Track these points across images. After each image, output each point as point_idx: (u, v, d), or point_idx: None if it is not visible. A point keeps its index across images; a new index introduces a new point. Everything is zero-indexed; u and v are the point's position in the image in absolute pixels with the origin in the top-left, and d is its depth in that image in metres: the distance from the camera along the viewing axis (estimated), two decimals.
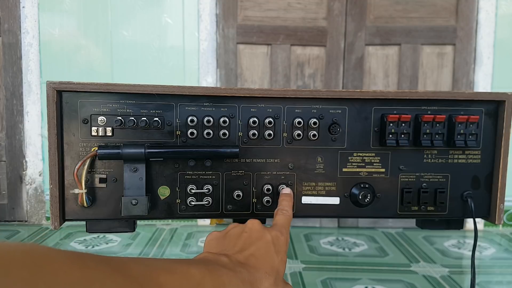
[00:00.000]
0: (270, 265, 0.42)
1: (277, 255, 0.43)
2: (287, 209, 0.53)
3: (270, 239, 0.44)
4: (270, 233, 0.45)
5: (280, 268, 0.43)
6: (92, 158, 0.58)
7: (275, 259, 0.43)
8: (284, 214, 0.51)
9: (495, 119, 0.64)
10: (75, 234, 2.11)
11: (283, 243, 0.45)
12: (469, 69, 2.27)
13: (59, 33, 2.24)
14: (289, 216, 0.52)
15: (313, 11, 2.26)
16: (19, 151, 2.28)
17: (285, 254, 0.45)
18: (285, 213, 0.52)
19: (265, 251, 0.43)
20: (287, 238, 0.47)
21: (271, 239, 0.44)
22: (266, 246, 0.43)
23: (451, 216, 0.65)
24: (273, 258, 0.43)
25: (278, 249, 0.44)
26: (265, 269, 0.41)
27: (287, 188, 0.60)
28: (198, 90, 0.59)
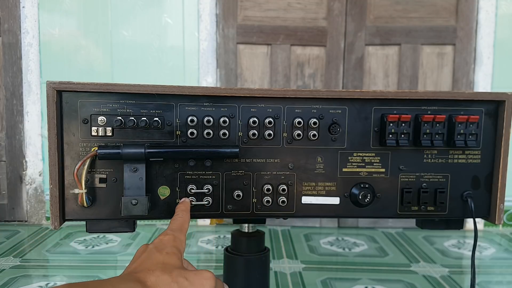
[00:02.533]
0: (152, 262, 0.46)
1: (160, 252, 0.47)
2: (178, 213, 0.56)
3: (151, 246, 0.49)
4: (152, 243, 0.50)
5: (166, 260, 0.46)
6: (92, 158, 0.58)
7: (158, 256, 0.47)
8: (174, 218, 0.55)
9: (495, 119, 0.64)
10: (75, 234, 2.11)
11: (167, 241, 0.49)
12: (469, 69, 2.27)
13: (59, 33, 2.24)
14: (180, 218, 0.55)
15: (313, 11, 2.26)
16: (19, 151, 2.28)
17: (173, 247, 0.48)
18: (175, 217, 0.55)
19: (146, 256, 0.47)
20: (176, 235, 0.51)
21: (153, 246, 0.49)
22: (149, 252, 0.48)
23: (451, 216, 0.65)
24: (155, 256, 0.47)
25: (161, 248, 0.48)
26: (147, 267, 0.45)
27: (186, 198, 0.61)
28: (198, 90, 0.59)
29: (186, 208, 0.57)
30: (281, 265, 1.76)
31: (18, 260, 1.78)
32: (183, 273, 0.45)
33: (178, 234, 0.51)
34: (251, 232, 0.72)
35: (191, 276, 0.45)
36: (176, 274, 0.45)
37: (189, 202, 0.59)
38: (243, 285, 0.70)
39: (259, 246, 0.72)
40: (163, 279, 0.44)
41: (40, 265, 1.75)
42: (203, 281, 0.46)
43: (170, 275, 0.44)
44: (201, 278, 0.46)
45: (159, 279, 0.43)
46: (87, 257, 1.82)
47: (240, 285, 0.70)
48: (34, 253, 1.88)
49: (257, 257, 0.71)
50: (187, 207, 0.58)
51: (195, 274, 0.46)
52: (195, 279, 0.45)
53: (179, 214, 0.55)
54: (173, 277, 0.44)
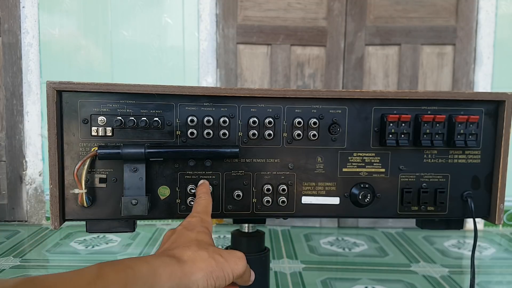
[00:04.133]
0: (186, 240, 0.46)
1: (191, 231, 0.47)
2: (201, 195, 0.56)
3: (180, 228, 0.49)
4: (180, 225, 0.50)
5: (199, 237, 0.47)
6: (92, 158, 0.58)
7: (190, 234, 0.47)
8: (197, 202, 0.54)
9: (495, 119, 0.64)
10: (75, 234, 2.11)
11: (195, 222, 0.49)
12: (469, 69, 2.27)
13: (59, 33, 2.24)
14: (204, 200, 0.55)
15: (313, 11, 2.26)
16: (19, 151, 2.28)
17: (202, 227, 0.49)
18: (198, 200, 0.55)
19: (178, 236, 0.47)
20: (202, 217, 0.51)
21: (181, 227, 0.49)
22: (179, 233, 0.48)
23: (451, 216, 0.65)
24: (187, 235, 0.47)
25: (191, 228, 0.48)
26: (182, 244, 0.45)
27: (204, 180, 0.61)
28: (198, 90, 0.59)
29: (207, 190, 0.57)
30: (281, 265, 1.76)
31: (18, 260, 1.78)
32: (218, 250, 0.45)
33: (204, 216, 0.51)
34: (251, 232, 0.72)
35: (225, 254, 0.45)
36: (212, 251, 0.45)
37: (208, 183, 0.59)
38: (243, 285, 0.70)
39: (259, 246, 0.72)
40: (201, 254, 0.43)
41: (40, 265, 1.75)
42: (237, 260, 0.46)
43: (206, 250, 0.44)
44: (235, 257, 0.46)
45: (196, 254, 0.43)
46: (87, 257, 1.82)
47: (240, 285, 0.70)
48: (34, 253, 1.88)
49: (257, 257, 0.71)
50: (208, 189, 0.57)
51: (228, 252, 0.46)
52: (230, 257, 0.45)
53: (202, 197, 0.55)
54: (209, 252, 0.44)
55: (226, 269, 0.44)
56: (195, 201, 0.55)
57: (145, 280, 0.38)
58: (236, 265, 0.45)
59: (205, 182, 0.59)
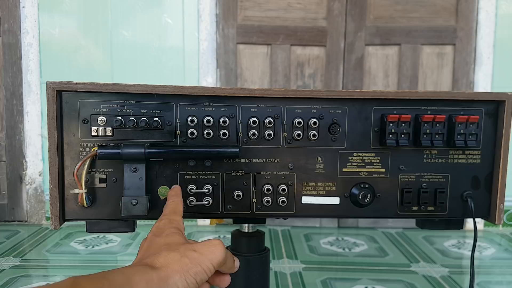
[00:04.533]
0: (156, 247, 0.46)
1: (159, 237, 0.47)
2: (169, 198, 0.56)
3: (149, 235, 0.49)
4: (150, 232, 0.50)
5: (168, 240, 0.46)
6: (92, 158, 0.58)
7: (159, 240, 0.47)
8: (166, 204, 0.55)
9: (495, 119, 0.64)
10: (75, 234, 2.11)
11: (163, 225, 0.49)
12: (469, 69, 2.27)
13: (59, 33, 2.24)
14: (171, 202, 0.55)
15: (313, 11, 2.26)
16: (19, 151, 2.28)
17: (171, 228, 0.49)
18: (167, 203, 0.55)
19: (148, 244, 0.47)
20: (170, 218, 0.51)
21: (151, 234, 0.49)
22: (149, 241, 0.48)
23: (451, 216, 0.65)
24: (156, 241, 0.47)
25: (159, 233, 0.48)
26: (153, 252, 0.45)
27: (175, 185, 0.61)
28: (198, 90, 0.59)
29: (176, 193, 0.57)
30: (281, 265, 1.76)
31: (18, 260, 1.78)
32: (190, 246, 0.45)
33: (172, 216, 0.51)
34: (251, 232, 0.72)
35: (199, 247, 0.45)
36: (183, 249, 0.44)
37: (179, 187, 0.59)
38: (243, 285, 0.70)
39: (259, 246, 0.72)
40: (172, 257, 0.43)
41: (40, 265, 1.75)
42: (213, 248, 0.45)
43: (177, 251, 0.44)
44: (210, 246, 0.45)
45: (168, 257, 0.43)
46: (87, 257, 1.82)
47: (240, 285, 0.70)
48: (34, 253, 1.88)
49: (257, 257, 0.71)
50: (178, 192, 0.58)
51: (202, 244, 0.45)
52: (204, 248, 0.45)
53: (170, 199, 0.55)
54: (181, 252, 0.44)
55: (204, 262, 0.44)
56: (165, 205, 0.55)
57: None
58: (213, 254, 0.44)
59: (176, 186, 0.60)
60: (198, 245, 0.45)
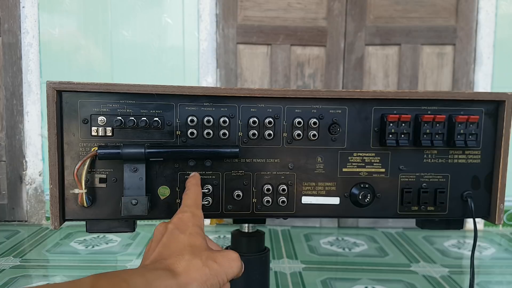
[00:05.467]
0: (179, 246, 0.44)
1: (183, 234, 0.46)
2: (190, 187, 0.54)
3: (171, 227, 0.47)
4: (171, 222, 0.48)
5: (192, 241, 0.45)
6: (92, 158, 0.58)
7: (182, 238, 0.45)
8: (187, 194, 0.53)
9: (495, 119, 0.64)
10: (75, 234, 2.11)
11: (187, 219, 0.48)
12: (469, 69, 2.27)
13: (59, 33, 2.24)
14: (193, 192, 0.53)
15: (313, 11, 2.26)
16: (19, 151, 2.28)
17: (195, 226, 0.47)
18: (188, 192, 0.53)
19: (169, 239, 0.45)
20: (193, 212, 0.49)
21: (172, 226, 0.47)
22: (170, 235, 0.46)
23: (451, 216, 0.65)
24: (179, 238, 0.45)
25: (183, 228, 0.46)
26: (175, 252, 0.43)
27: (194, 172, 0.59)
28: (198, 90, 0.59)
29: (197, 182, 0.56)
30: (281, 265, 1.76)
31: (18, 260, 1.78)
32: (212, 255, 0.44)
33: (195, 210, 0.50)
34: (251, 232, 0.72)
35: (219, 258, 0.44)
36: (205, 257, 0.44)
37: (198, 175, 0.58)
38: (243, 285, 0.70)
39: (259, 246, 0.72)
40: (194, 264, 0.43)
41: (40, 265, 1.75)
42: (231, 262, 0.45)
43: (200, 259, 0.43)
44: (229, 259, 0.45)
45: (190, 263, 0.42)
46: (87, 257, 1.82)
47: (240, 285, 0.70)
48: (34, 253, 1.88)
49: (257, 257, 0.71)
50: (198, 181, 0.56)
51: (222, 256, 0.45)
52: (223, 261, 0.44)
53: (191, 188, 0.53)
54: (203, 260, 0.43)
55: (221, 275, 0.44)
56: (185, 192, 0.53)
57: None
58: (231, 269, 0.45)
59: (195, 173, 0.58)
60: (218, 256, 0.45)
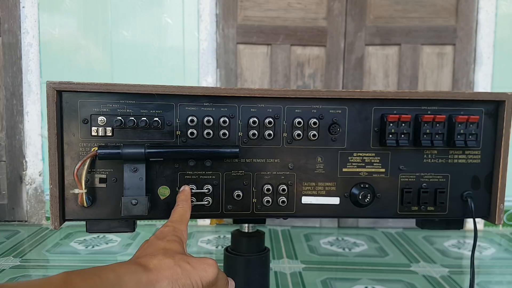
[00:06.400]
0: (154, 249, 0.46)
1: (161, 240, 0.48)
2: (178, 203, 0.56)
3: (152, 237, 0.50)
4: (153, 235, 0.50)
5: (167, 246, 0.47)
6: (92, 158, 0.58)
7: (159, 243, 0.47)
8: (174, 210, 0.55)
9: (495, 119, 0.64)
10: (75, 234, 2.11)
11: (167, 231, 0.50)
12: (469, 69, 2.27)
13: (59, 33, 2.24)
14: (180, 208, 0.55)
15: (313, 11, 2.26)
16: (19, 151, 2.28)
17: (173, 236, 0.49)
18: (176, 208, 0.55)
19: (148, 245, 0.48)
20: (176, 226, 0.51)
21: (154, 237, 0.49)
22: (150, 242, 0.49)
23: (451, 216, 0.65)
24: (156, 244, 0.47)
25: (161, 237, 0.49)
26: (149, 253, 0.45)
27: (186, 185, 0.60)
28: (198, 90, 0.59)
29: (186, 198, 0.57)
30: (281, 265, 1.76)
31: (18, 260, 1.78)
32: (186, 258, 0.45)
33: (178, 225, 0.52)
34: (251, 232, 0.72)
35: (193, 261, 0.45)
36: (178, 258, 0.45)
37: (189, 190, 0.59)
38: (243, 285, 0.70)
39: (259, 246, 0.72)
40: (166, 262, 0.44)
41: (40, 265, 1.75)
42: (206, 266, 0.45)
43: (172, 258, 0.44)
44: (203, 263, 0.45)
45: (162, 262, 0.44)
46: (87, 257, 1.82)
47: (240, 285, 0.70)
48: (34, 253, 1.88)
49: (257, 257, 0.71)
50: (187, 196, 0.57)
51: (197, 260, 0.46)
52: (198, 264, 0.45)
53: (179, 205, 0.55)
54: (175, 260, 0.44)
55: (194, 277, 0.44)
56: (173, 209, 0.55)
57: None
58: (205, 272, 0.45)
59: (185, 188, 0.59)
60: (193, 259, 0.46)
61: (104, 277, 0.39)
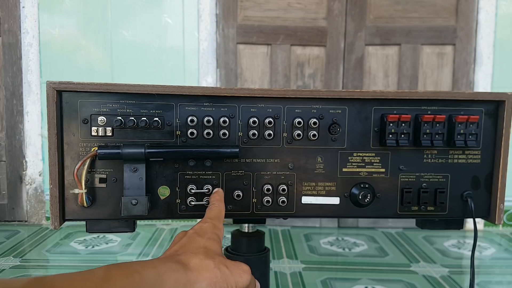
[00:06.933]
0: (194, 246, 0.46)
1: (201, 237, 0.48)
2: (214, 202, 0.56)
3: (191, 232, 0.49)
4: (192, 229, 0.50)
5: (208, 245, 0.47)
6: (92, 158, 0.58)
7: (199, 240, 0.47)
8: (211, 208, 0.55)
9: (495, 119, 0.64)
10: (75, 234, 2.11)
11: (207, 228, 0.50)
12: (469, 69, 2.27)
13: (59, 33, 2.24)
14: (216, 207, 0.55)
15: (313, 11, 2.26)
16: (19, 151, 2.28)
17: (213, 234, 0.49)
18: (212, 206, 0.55)
19: (187, 241, 0.48)
20: (215, 224, 0.51)
21: (193, 231, 0.49)
22: (189, 237, 0.48)
23: (451, 216, 0.65)
24: (196, 240, 0.47)
25: (202, 233, 0.49)
26: (190, 250, 0.45)
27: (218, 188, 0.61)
28: (198, 90, 0.59)
29: (221, 198, 0.57)
30: (281, 265, 1.76)
31: (18, 260, 1.78)
32: (224, 261, 0.45)
33: (216, 223, 0.52)
34: (251, 232, 0.72)
35: (231, 265, 0.45)
36: (218, 261, 0.45)
37: (222, 191, 0.60)
38: None
39: (259, 246, 0.72)
40: (206, 264, 0.43)
41: (40, 265, 1.75)
42: (242, 272, 0.45)
43: (213, 260, 0.44)
44: (240, 269, 0.46)
45: (203, 262, 0.43)
46: (87, 257, 1.82)
47: None
48: (34, 253, 1.88)
49: (257, 257, 0.71)
50: (222, 197, 0.58)
51: (234, 264, 0.46)
52: (235, 269, 0.45)
53: (215, 204, 0.55)
54: (215, 263, 0.44)
55: (230, 282, 0.44)
56: (208, 207, 0.55)
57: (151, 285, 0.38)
58: (240, 278, 0.45)
59: (219, 190, 0.60)
60: (231, 263, 0.46)
61: (144, 274, 0.39)
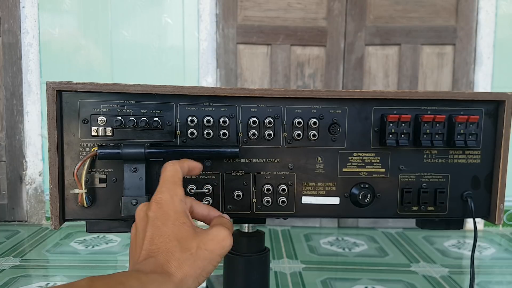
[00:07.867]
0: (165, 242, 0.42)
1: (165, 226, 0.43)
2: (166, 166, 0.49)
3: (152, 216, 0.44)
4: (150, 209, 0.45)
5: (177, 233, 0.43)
6: (92, 158, 0.58)
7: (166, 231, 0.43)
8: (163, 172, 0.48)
9: (495, 119, 0.64)
10: (75, 234, 2.11)
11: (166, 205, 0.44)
12: (469, 69, 2.27)
13: (59, 33, 2.24)
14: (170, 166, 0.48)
15: (313, 11, 2.26)
16: (19, 151, 2.28)
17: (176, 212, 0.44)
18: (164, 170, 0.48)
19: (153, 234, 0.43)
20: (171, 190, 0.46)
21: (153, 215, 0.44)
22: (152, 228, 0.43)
23: (451, 216, 0.65)
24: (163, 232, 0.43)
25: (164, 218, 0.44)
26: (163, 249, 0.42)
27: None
28: (198, 90, 0.59)
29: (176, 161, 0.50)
30: (281, 265, 1.76)
31: (18, 260, 1.78)
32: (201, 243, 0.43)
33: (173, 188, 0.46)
34: (251, 232, 0.72)
35: (209, 244, 0.43)
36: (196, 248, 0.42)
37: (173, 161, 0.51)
38: (243, 285, 0.70)
39: (259, 246, 0.72)
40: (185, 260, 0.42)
41: (40, 265, 1.75)
42: (222, 243, 0.43)
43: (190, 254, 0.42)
44: (219, 241, 0.43)
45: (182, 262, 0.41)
46: (87, 257, 1.82)
47: (240, 285, 0.70)
48: (34, 253, 1.88)
49: (257, 257, 0.71)
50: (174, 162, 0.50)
51: (212, 240, 0.43)
52: (213, 245, 0.43)
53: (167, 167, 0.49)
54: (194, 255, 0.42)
55: (215, 259, 0.43)
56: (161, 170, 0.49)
57: None
58: (223, 249, 0.43)
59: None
60: (208, 241, 0.43)
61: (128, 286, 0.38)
